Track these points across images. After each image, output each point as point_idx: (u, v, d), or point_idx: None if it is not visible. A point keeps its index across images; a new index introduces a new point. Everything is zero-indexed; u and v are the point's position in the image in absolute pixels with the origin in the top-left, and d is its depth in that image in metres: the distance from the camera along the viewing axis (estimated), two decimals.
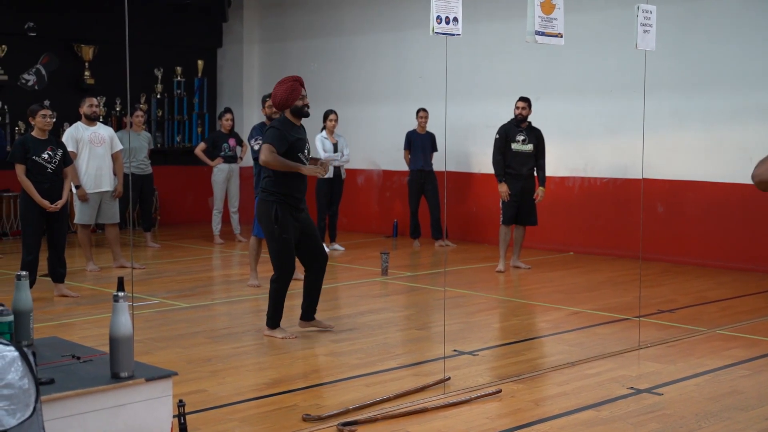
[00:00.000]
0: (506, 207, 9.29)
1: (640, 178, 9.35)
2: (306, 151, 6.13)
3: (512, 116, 9.36)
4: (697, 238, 9.91)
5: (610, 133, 10.54)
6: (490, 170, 10.05)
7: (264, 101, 8.26)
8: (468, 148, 11.70)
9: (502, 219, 9.38)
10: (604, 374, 5.32)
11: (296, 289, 6.82)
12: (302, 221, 6.12)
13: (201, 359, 5.64)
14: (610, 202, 10.57)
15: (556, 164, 10.60)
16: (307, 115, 6.08)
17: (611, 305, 7.51)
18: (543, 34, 5.42)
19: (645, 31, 5.90)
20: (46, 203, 7.43)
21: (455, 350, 5.84)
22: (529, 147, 9.25)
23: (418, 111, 11.37)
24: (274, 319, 6.20)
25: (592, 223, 10.72)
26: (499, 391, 4.91)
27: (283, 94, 5.99)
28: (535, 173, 9.36)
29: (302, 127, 6.15)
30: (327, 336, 6.30)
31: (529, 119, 9.33)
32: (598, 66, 10.58)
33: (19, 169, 7.45)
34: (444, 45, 5.23)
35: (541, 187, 9.31)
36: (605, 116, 10.58)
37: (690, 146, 9.97)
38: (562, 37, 5.51)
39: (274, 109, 6.98)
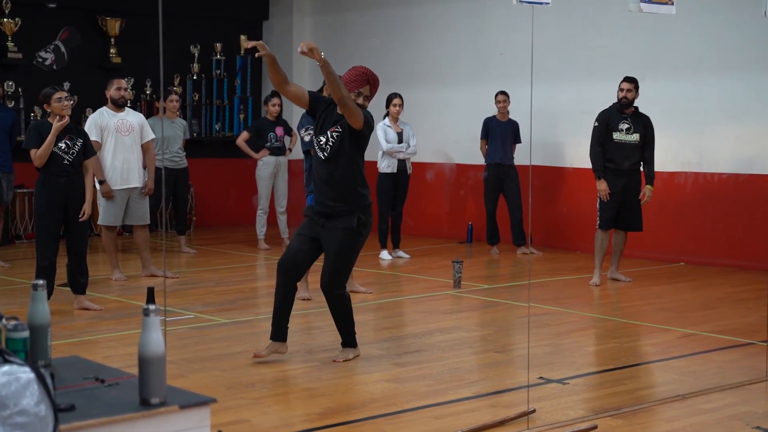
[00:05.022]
0: (605, 208, 9.20)
1: None
2: (323, 138, 6.09)
3: (614, 100, 9.27)
4: None
5: (732, 119, 10.35)
6: (585, 164, 9.94)
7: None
8: (557, 139, 11.61)
9: (599, 222, 9.29)
10: (723, 410, 5.24)
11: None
12: (323, 235, 6.12)
13: (243, 384, 5.69)
14: (731, 203, 10.38)
15: (665, 157, 10.45)
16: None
17: (731, 327, 7.38)
18: (650, 1, 5.35)
19: None
20: (61, 125, 7.48)
21: (541, 377, 5.81)
22: (635, 137, 9.14)
23: (498, 94, 11.32)
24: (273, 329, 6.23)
25: (709, 228, 10.55)
26: (595, 428, 4.85)
27: (345, 78, 6.06)
28: (641, 168, 9.25)
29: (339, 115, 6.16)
30: (389, 360, 6.32)
31: (635, 104, 9.22)
32: (717, 39, 10.40)
33: (34, 153, 7.59)
34: (530, 16, 5.19)
35: (648, 186, 9.20)
36: (725, 99, 10.39)
37: None
38: (673, 4, 5.43)
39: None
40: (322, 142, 6.09)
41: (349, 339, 6.30)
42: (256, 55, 5.82)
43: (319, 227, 6.10)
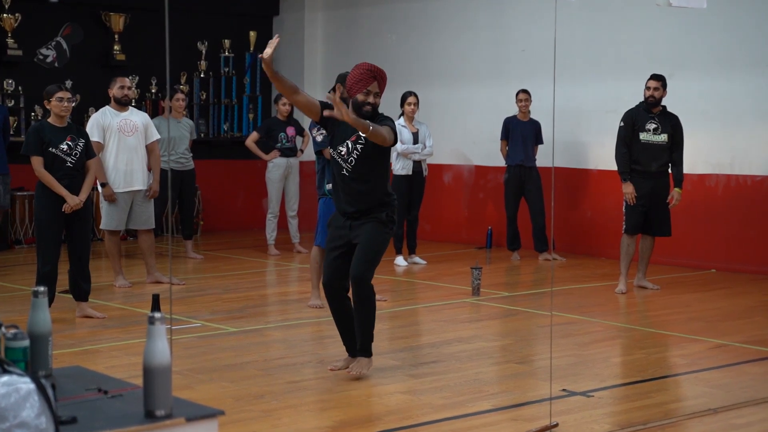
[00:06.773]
0: (631, 212, 9.19)
1: None
2: (343, 149, 6.11)
3: (640, 99, 9.26)
4: None
5: (765, 118, 10.32)
6: (610, 166, 9.93)
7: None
8: (581, 139, 11.59)
9: (625, 227, 9.27)
10: (755, 425, 5.22)
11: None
12: (354, 233, 6.15)
13: (252, 395, 5.71)
14: (765, 207, 10.35)
15: (695, 159, 10.42)
16: (364, 115, 6.08)
17: (765, 337, 7.36)
18: None
19: None
20: (75, 200, 7.59)
21: (564, 390, 5.80)
22: (663, 137, 9.13)
23: (519, 93, 11.32)
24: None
25: (741, 233, 10.51)
26: None
27: (350, 80, 6.11)
28: (670, 170, 9.24)
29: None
30: (405, 370, 6.32)
31: (663, 102, 9.20)
32: (750, 34, 10.37)
33: (36, 162, 7.64)
34: (553, 10, 5.20)
35: (676, 188, 9.19)
36: (759, 97, 10.37)
37: None
38: None
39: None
40: (343, 153, 6.10)
41: (365, 345, 6.16)
42: (259, 56, 5.83)
43: (348, 230, 6.12)
